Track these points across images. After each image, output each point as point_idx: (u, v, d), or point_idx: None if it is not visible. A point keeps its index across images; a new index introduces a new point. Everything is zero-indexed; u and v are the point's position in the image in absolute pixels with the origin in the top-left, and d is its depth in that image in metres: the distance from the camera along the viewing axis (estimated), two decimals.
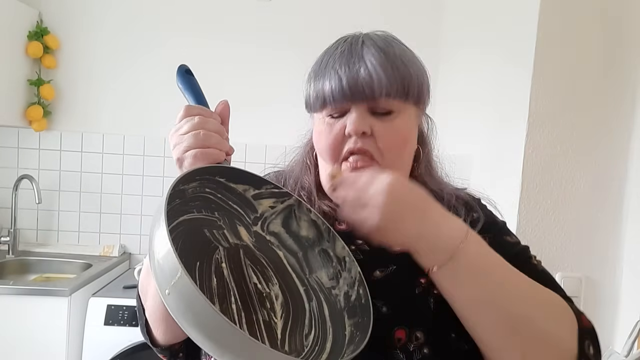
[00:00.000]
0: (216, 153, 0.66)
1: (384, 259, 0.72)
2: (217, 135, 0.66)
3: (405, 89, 0.69)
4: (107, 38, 2.36)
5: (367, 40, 0.71)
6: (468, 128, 1.92)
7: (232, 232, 0.70)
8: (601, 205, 1.50)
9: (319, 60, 0.73)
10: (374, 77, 0.67)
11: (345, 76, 0.68)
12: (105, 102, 2.38)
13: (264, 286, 0.68)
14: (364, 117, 0.68)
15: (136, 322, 1.86)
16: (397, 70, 0.68)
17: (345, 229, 0.76)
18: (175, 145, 0.66)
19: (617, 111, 1.49)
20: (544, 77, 1.46)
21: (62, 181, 2.38)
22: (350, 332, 0.64)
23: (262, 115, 2.37)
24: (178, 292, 0.49)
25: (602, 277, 1.50)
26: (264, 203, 0.72)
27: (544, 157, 1.47)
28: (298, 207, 0.73)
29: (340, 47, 0.71)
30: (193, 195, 0.65)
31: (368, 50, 0.69)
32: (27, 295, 1.81)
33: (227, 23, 2.38)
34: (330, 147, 0.71)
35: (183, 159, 0.65)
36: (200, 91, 0.73)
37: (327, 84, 0.69)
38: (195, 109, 0.68)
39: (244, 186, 0.70)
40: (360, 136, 0.69)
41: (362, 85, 0.67)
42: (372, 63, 0.67)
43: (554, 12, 1.45)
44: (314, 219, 0.72)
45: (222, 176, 0.67)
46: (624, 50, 1.48)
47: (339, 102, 0.69)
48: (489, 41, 1.83)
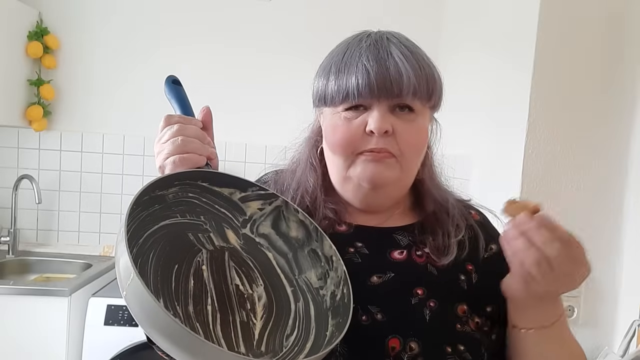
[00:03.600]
0: (195, 158, 0.66)
1: (382, 265, 0.72)
2: (196, 140, 0.67)
3: (430, 90, 0.69)
4: (107, 38, 2.36)
5: (391, 38, 0.70)
6: (468, 128, 1.92)
7: (219, 235, 0.70)
8: (601, 205, 1.50)
9: (340, 52, 0.70)
10: (404, 74, 0.66)
11: (374, 71, 0.66)
12: (105, 102, 2.37)
13: (247, 287, 0.68)
14: (386, 116, 0.67)
15: (136, 322, 1.86)
16: (424, 71, 0.68)
17: (345, 230, 0.76)
18: (158, 154, 0.67)
19: (617, 111, 1.49)
20: (544, 77, 1.46)
21: (62, 181, 2.38)
22: (330, 332, 0.65)
23: (262, 116, 2.37)
24: (132, 292, 0.51)
25: (602, 277, 1.50)
26: (252, 205, 0.72)
27: (544, 157, 1.47)
28: (285, 208, 0.73)
29: (364, 40, 0.70)
30: (175, 200, 0.66)
31: (395, 47, 0.68)
32: (27, 295, 1.81)
33: (227, 23, 2.37)
34: (347, 141, 0.69)
35: (164, 166, 0.66)
36: (187, 100, 0.75)
37: (353, 77, 0.67)
38: (175, 118, 0.69)
39: (230, 189, 0.71)
40: (383, 135, 0.67)
41: (391, 82, 0.66)
42: (402, 60, 0.66)
43: (554, 12, 1.45)
44: (302, 219, 0.72)
45: (204, 180, 0.68)
46: (624, 50, 1.47)
47: (365, 97, 0.67)
48: (489, 41, 1.83)
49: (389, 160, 0.69)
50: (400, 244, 0.74)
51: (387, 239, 0.75)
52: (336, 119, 0.70)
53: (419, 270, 0.72)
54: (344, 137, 0.69)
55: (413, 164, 0.72)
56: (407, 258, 0.73)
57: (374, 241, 0.75)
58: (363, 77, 0.66)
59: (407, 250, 0.74)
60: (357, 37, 0.72)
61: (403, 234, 0.75)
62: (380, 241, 0.75)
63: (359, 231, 0.76)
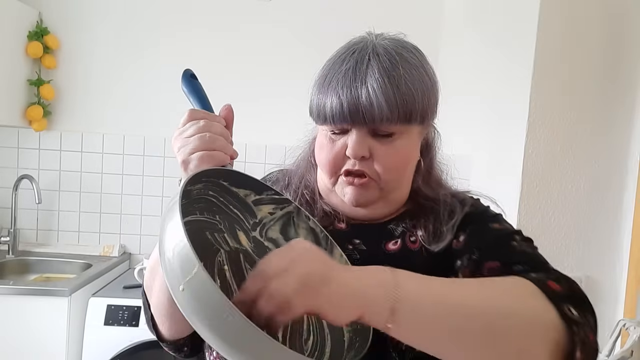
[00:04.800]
0: (222, 156, 0.66)
1: (379, 259, 0.72)
2: (222, 138, 0.67)
3: (408, 114, 0.68)
4: (107, 38, 2.36)
5: (373, 58, 0.68)
6: (468, 128, 1.92)
7: (232, 236, 0.70)
8: (601, 205, 1.50)
9: (324, 74, 0.71)
10: (375, 104, 0.66)
11: (347, 99, 0.67)
12: (105, 102, 2.37)
13: None
14: (363, 140, 0.68)
15: (136, 322, 1.87)
16: (400, 96, 0.67)
17: (345, 228, 0.77)
18: (180, 148, 0.66)
19: (617, 111, 1.49)
20: (544, 77, 1.46)
21: (62, 181, 2.38)
22: (349, 338, 0.64)
23: (263, 116, 2.37)
24: (193, 289, 0.46)
25: (602, 277, 1.50)
26: (263, 209, 0.72)
27: (544, 157, 1.47)
28: (297, 214, 0.73)
29: (345, 63, 0.69)
30: (197, 196, 0.65)
31: (372, 72, 0.67)
32: (27, 295, 1.81)
33: (227, 23, 2.38)
34: (330, 163, 0.71)
35: (189, 161, 0.65)
36: (205, 95, 0.74)
37: (328, 103, 0.68)
38: (200, 113, 0.68)
39: (246, 191, 0.70)
40: (360, 159, 0.69)
41: (363, 111, 0.66)
42: (374, 88, 0.66)
43: (554, 12, 1.45)
44: (312, 227, 0.72)
45: (225, 180, 0.67)
46: (624, 50, 1.48)
47: (339, 123, 0.69)
48: (489, 41, 1.83)
49: (367, 184, 0.71)
50: (394, 234, 0.76)
51: (383, 231, 0.76)
52: (322, 137, 0.73)
53: (413, 257, 0.73)
54: (326, 158, 0.72)
55: (396, 184, 0.74)
56: (401, 247, 0.74)
57: (371, 236, 0.76)
58: (336, 105, 0.67)
59: (402, 238, 0.75)
60: (342, 55, 0.71)
61: (396, 222, 0.77)
62: (376, 235, 0.76)
63: (356, 228, 0.77)
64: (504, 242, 0.70)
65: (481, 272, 0.67)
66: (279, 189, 0.77)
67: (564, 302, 0.57)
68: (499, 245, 0.70)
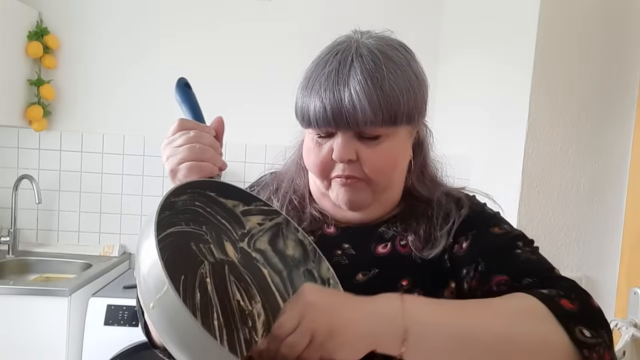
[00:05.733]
0: (210, 167, 0.66)
1: (367, 262, 0.72)
2: (211, 149, 0.67)
3: (393, 116, 0.66)
4: (107, 38, 2.36)
5: (356, 59, 0.66)
6: (468, 128, 1.92)
7: (219, 247, 0.69)
8: (601, 205, 1.50)
9: (308, 76, 0.70)
10: (358, 107, 0.64)
11: (330, 103, 0.65)
12: (105, 102, 2.37)
13: (247, 304, 0.67)
14: (349, 144, 0.67)
15: (136, 322, 1.87)
16: (384, 98, 0.65)
17: (334, 232, 0.77)
18: (169, 157, 0.66)
19: (617, 111, 1.49)
20: (544, 77, 1.46)
21: (62, 181, 2.38)
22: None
23: (262, 115, 2.37)
24: (162, 306, 0.47)
25: (602, 277, 1.50)
26: (252, 220, 0.71)
27: (544, 157, 1.47)
28: (286, 225, 0.72)
29: (329, 64, 0.68)
30: (183, 207, 0.65)
31: (355, 74, 0.65)
32: (27, 295, 1.81)
33: (227, 23, 2.37)
34: (319, 167, 0.71)
35: (177, 170, 0.65)
36: (198, 105, 0.73)
37: (311, 106, 0.67)
38: (190, 123, 0.68)
39: (234, 202, 0.69)
40: (347, 163, 0.68)
41: (346, 115, 0.65)
42: (357, 91, 0.64)
43: (554, 12, 1.45)
44: (301, 239, 0.71)
45: (212, 190, 0.67)
46: (624, 50, 1.48)
47: (323, 127, 0.68)
48: (489, 41, 1.83)
49: (358, 184, 0.70)
50: (384, 237, 0.75)
51: (373, 234, 0.75)
52: (309, 141, 0.72)
53: (403, 261, 0.72)
54: (314, 163, 0.71)
55: (388, 184, 0.73)
56: (391, 250, 0.73)
57: (360, 239, 0.75)
58: (320, 109, 0.66)
59: (392, 242, 0.74)
60: (326, 57, 0.69)
61: (387, 226, 0.76)
62: (365, 238, 0.75)
63: (345, 232, 0.76)
64: (509, 251, 0.69)
65: (489, 286, 0.67)
66: (267, 194, 0.76)
67: (576, 324, 0.57)
68: (504, 255, 0.68)
